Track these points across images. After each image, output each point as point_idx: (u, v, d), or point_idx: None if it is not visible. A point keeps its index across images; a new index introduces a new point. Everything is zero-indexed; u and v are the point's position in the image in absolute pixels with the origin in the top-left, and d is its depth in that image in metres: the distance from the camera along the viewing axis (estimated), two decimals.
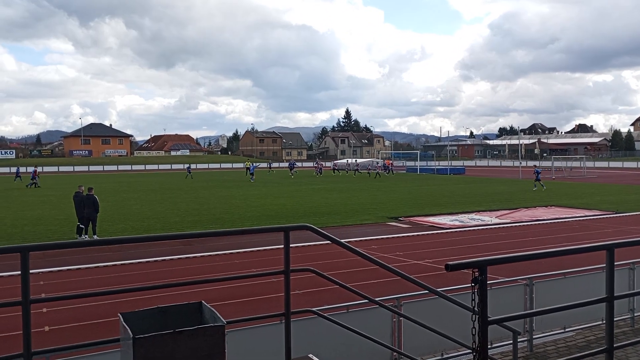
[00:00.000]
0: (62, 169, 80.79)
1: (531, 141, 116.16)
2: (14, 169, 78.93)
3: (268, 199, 30.09)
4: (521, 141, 76.77)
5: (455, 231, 18.01)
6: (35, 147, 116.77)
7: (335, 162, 78.91)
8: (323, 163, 67.68)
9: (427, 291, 4.76)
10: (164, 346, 3.03)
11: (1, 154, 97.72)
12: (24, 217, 22.35)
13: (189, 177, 52.69)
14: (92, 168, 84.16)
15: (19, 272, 3.11)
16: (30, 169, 49.58)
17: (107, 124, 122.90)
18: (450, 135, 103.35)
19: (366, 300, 4.67)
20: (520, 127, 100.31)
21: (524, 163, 61.72)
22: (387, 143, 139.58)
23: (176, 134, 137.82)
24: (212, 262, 13.19)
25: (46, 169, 75.86)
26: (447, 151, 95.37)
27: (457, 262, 2.85)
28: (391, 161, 69.09)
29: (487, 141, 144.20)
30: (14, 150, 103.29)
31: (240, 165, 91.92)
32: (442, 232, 17.80)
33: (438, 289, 4.81)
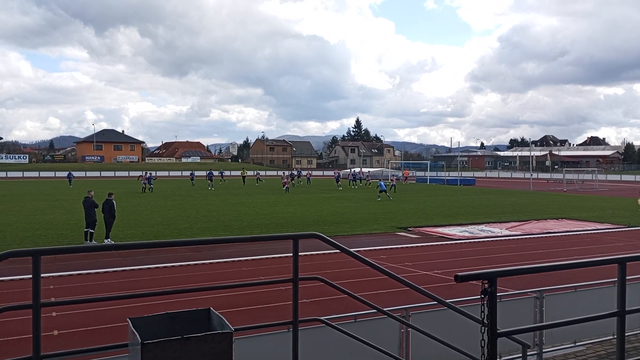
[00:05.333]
0: (74, 174, 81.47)
1: (542, 153, 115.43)
2: (27, 174, 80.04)
3: (277, 206, 30.13)
4: (532, 153, 76.31)
5: (465, 242, 17.90)
6: (49, 152, 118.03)
7: (337, 170, 71.44)
8: (340, 173, 63.03)
9: (436, 302, 4.73)
10: (172, 352, 3.04)
11: (15, 158, 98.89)
12: (35, 222, 22.56)
13: (193, 185, 52.65)
14: (104, 174, 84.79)
15: (30, 276, 3.14)
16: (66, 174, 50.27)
17: (119, 130, 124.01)
18: (460, 146, 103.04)
19: (374, 310, 4.65)
20: (531, 139, 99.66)
21: (535, 175, 61.28)
22: (397, 153, 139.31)
23: (187, 141, 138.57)
24: (220, 269, 13.21)
25: (58, 174, 76.59)
26: (457, 162, 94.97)
27: (466, 273, 2.83)
28: (409, 172, 68.47)
29: (498, 152, 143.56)
30: (27, 155, 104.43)
31: (251, 173, 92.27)
32: (451, 243, 17.69)
33: (447, 300, 4.78)
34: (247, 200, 34.88)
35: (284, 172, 64.15)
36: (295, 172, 65.62)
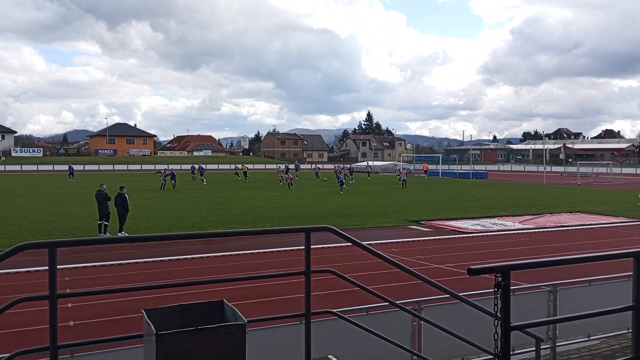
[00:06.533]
0: (87, 167, 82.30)
1: (556, 146, 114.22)
2: (41, 167, 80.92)
3: (289, 200, 30.19)
4: (546, 146, 75.57)
5: (477, 236, 17.81)
6: (62, 146, 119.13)
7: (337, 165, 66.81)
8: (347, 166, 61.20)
9: (448, 295, 4.72)
10: (186, 343, 3.07)
11: (29, 152, 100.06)
12: (50, 214, 22.84)
13: (197, 179, 49.22)
14: (117, 167, 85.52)
15: (45, 267, 3.18)
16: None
17: (131, 124, 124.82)
18: (472, 139, 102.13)
19: (386, 303, 4.65)
20: (544, 132, 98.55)
21: (548, 168, 60.70)
22: (408, 146, 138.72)
23: (199, 135, 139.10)
24: (232, 262, 13.29)
25: (73, 167, 77.46)
26: (469, 155, 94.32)
27: (480, 266, 2.82)
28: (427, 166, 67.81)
29: (511, 145, 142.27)
30: (41, 149, 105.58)
31: (261, 166, 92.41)
32: (463, 237, 17.62)
33: (459, 294, 4.76)
34: (259, 194, 34.98)
35: (279, 166, 59.67)
36: (292, 166, 61.00)
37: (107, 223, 17.21)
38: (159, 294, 9.31)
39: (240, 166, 58.71)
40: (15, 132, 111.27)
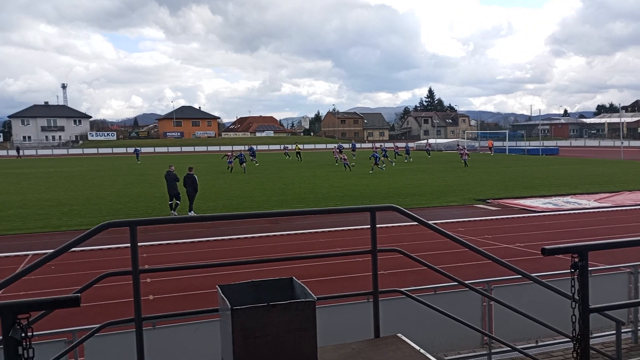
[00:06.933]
0: (157, 149, 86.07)
1: (634, 119, 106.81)
2: (115, 150, 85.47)
3: (351, 179, 30.22)
4: (623, 119, 70.90)
5: (549, 215, 17.10)
6: (133, 129, 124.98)
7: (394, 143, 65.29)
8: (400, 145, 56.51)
9: (519, 276, 4.58)
10: (258, 318, 3.18)
11: (103, 135, 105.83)
12: (126, 195, 24.14)
13: (254, 162, 44.48)
14: (184, 149, 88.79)
15: (121, 245, 3.38)
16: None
17: (196, 106, 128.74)
18: (541, 113, 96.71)
19: (454, 283, 4.59)
20: (621, 104, 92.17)
21: (626, 143, 57.02)
22: (472, 122, 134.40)
23: (260, 116, 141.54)
24: (297, 241, 13.53)
25: (144, 149, 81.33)
26: (538, 131, 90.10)
27: (555, 246, 2.72)
28: (492, 142, 65.45)
29: (584, 120, 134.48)
30: (114, 132, 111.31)
31: (322, 146, 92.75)
32: (534, 216, 16.98)
33: (532, 275, 4.62)
34: (320, 173, 35.23)
35: (335, 146, 53.99)
36: (349, 145, 57.45)
37: (178, 202, 17.97)
38: (227, 271, 9.67)
39: (292, 146, 56.54)
40: (90, 117, 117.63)
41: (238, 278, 4.28)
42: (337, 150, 47.28)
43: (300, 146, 55.95)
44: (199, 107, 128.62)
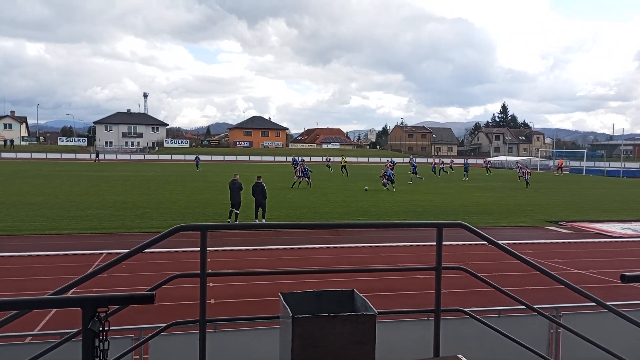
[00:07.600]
0: (226, 158, 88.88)
1: None
2: (188, 157, 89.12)
3: (416, 195, 29.78)
4: None
5: (627, 241, 16.05)
6: (206, 138, 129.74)
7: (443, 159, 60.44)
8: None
9: (592, 304, 4.34)
10: (319, 328, 3.21)
11: (178, 143, 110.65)
12: (195, 200, 25.07)
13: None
14: (252, 158, 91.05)
15: (189, 249, 3.52)
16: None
17: (266, 117, 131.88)
18: (624, 133, 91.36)
19: (521, 307, 4.41)
20: None
21: None
22: (547, 140, 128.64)
23: (328, 128, 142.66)
24: (359, 254, 13.48)
25: (214, 157, 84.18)
26: (619, 151, 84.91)
27: (636, 273, 2.58)
28: (563, 162, 62.63)
29: None
30: (188, 140, 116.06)
31: (386, 160, 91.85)
32: (611, 241, 15.99)
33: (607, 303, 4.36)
34: (382, 187, 34.91)
35: (387, 160, 52.24)
36: (410, 159, 53.14)
37: (237, 211, 18.21)
38: (286, 279, 9.79)
39: (337, 159, 53.87)
40: (167, 124, 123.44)
41: (298, 287, 4.34)
42: (390, 165, 45.32)
43: (347, 159, 52.74)
44: (269, 118, 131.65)
